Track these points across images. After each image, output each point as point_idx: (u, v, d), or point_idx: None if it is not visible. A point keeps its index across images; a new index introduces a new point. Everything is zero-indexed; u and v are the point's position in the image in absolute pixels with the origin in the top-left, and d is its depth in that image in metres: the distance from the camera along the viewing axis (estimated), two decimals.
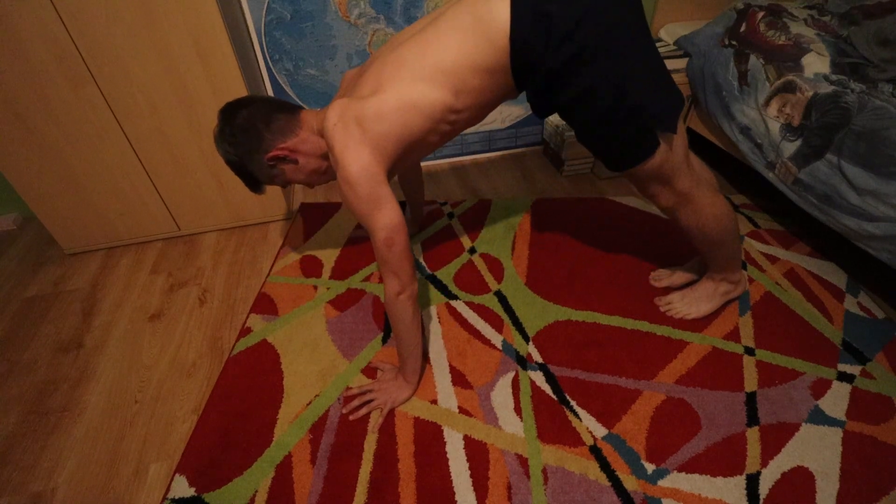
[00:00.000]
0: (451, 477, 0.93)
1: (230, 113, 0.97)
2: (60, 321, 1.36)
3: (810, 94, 1.23)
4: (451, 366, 1.15)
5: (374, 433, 1.01)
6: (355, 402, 1.05)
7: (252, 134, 0.95)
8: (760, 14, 1.49)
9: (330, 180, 1.09)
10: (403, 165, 0.97)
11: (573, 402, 1.05)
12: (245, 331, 1.27)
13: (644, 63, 0.84)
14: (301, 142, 0.97)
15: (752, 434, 0.98)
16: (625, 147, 0.90)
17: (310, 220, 1.70)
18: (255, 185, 1.06)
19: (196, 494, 0.93)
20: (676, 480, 0.91)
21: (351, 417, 1.04)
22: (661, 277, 1.34)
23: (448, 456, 0.97)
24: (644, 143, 0.88)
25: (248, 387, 1.12)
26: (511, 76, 0.86)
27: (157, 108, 1.37)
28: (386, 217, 0.85)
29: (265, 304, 1.35)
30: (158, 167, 1.48)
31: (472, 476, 0.93)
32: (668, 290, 1.32)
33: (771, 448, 0.95)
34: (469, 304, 1.31)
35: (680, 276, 1.32)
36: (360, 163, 0.83)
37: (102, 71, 1.28)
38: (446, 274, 1.42)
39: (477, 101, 0.89)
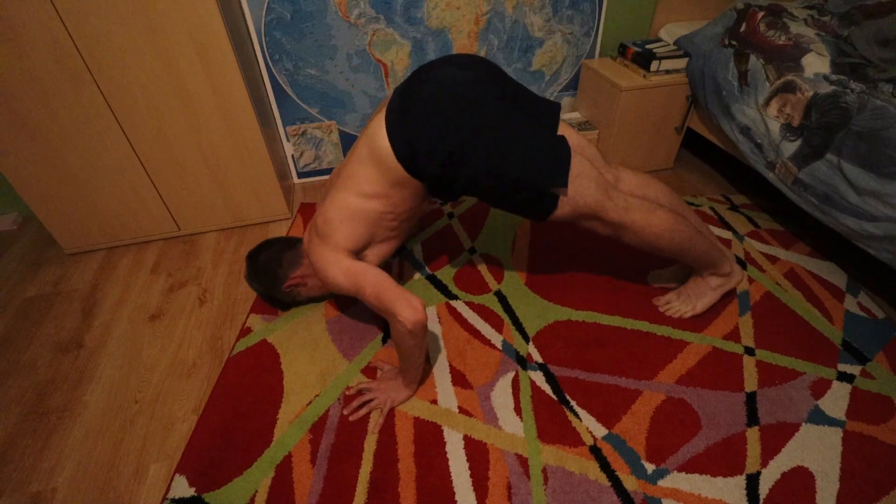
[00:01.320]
0: (451, 477, 0.93)
1: (252, 258, 1.22)
2: (60, 321, 1.36)
3: (810, 94, 1.23)
4: (451, 366, 1.15)
5: (374, 433, 1.01)
6: (355, 402, 1.05)
7: (270, 273, 1.20)
8: (760, 14, 1.49)
9: None
10: (376, 252, 1.11)
11: (573, 402, 1.05)
12: (245, 331, 1.27)
13: (512, 141, 0.93)
14: (305, 268, 1.20)
15: (752, 434, 0.98)
16: (529, 208, 1.01)
17: (310, 220, 1.70)
18: (285, 307, 1.33)
19: (196, 494, 0.93)
20: (676, 480, 0.91)
21: (351, 418, 1.04)
22: (658, 277, 1.34)
23: (448, 456, 0.97)
24: (542, 201, 0.98)
25: (248, 387, 1.12)
26: (417, 181, 1.00)
27: (157, 108, 1.37)
28: (368, 278, 0.97)
29: (265, 305, 1.35)
30: (158, 167, 1.48)
31: (472, 476, 0.93)
32: (665, 290, 1.32)
33: (771, 448, 0.95)
34: (469, 304, 1.31)
35: (676, 275, 1.32)
36: (321, 257, 1.03)
37: (102, 71, 1.28)
38: (446, 274, 1.42)
39: (406, 204, 1.05)
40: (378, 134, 0.97)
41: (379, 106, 1.05)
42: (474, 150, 0.93)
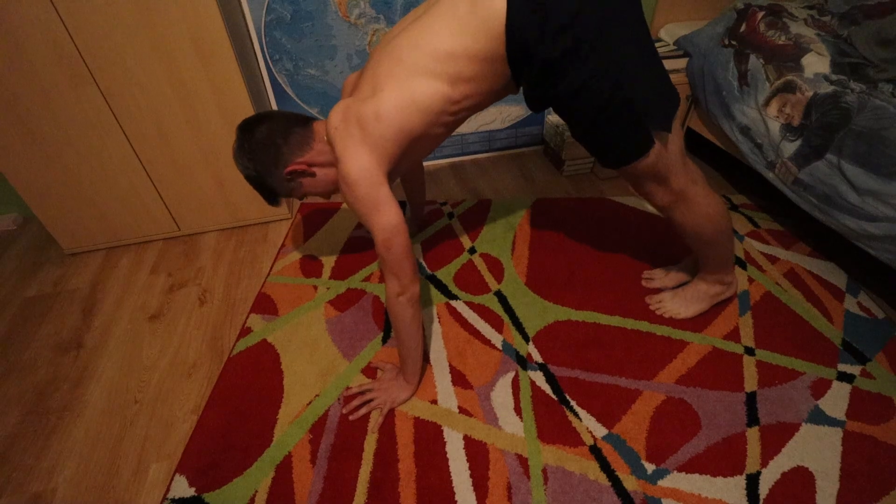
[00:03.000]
0: (451, 477, 0.93)
1: (248, 128, 0.97)
2: (60, 321, 1.36)
3: (810, 94, 1.23)
4: (451, 366, 1.15)
5: (374, 433, 1.01)
6: (355, 402, 1.05)
7: (271, 149, 0.96)
8: (760, 14, 1.49)
9: None
10: (408, 163, 0.97)
11: (573, 402, 1.05)
12: (245, 331, 1.27)
13: (641, 61, 0.84)
14: (317, 154, 0.98)
15: (752, 434, 0.98)
16: (620, 144, 0.90)
17: (310, 220, 1.70)
18: (273, 198, 1.06)
19: (196, 494, 0.93)
20: (676, 480, 0.91)
21: (351, 417, 1.04)
22: (654, 278, 1.34)
23: (448, 456, 0.97)
24: (639, 140, 0.88)
25: (248, 387, 1.12)
26: (507, 66, 0.85)
27: (156, 108, 1.37)
28: (384, 219, 0.85)
29: (265, 304, 1.35)
30: (158, 167, 1.48)
31: (472, 476, 0.93)
32: (660, 290, 1.32)
33: (771, 448, 0.95)
34: (469, 304, 1.31)
35: (673, 277, 1.32)
36: (358, 163, 0.84)
37: (102, 71, 1.28)
38: (446, 274, 1.42)
39: (475, 91, 0.88)
40: None
41: None
42: (607, 47, 0.79)
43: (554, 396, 1.07)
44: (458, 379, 1.12)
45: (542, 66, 0.82)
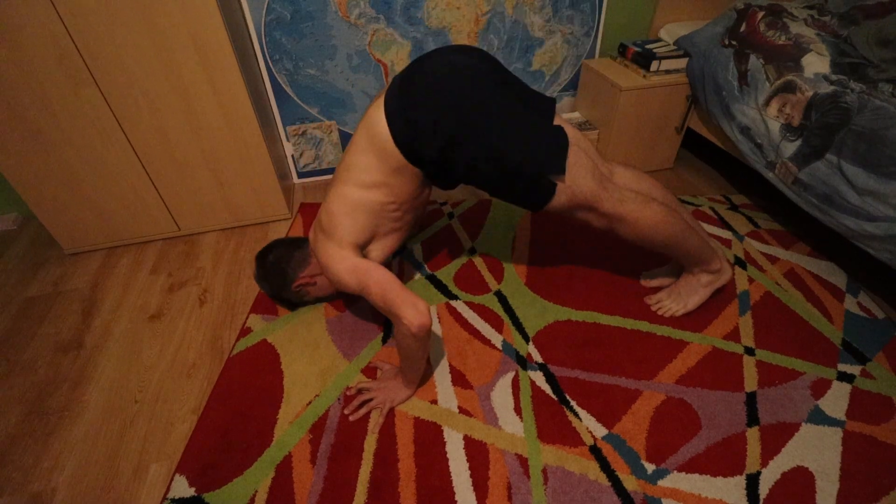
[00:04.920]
0: (451, 477, 0.93)
1: (261, 259, 1.22)
2: (60, 321, 1.36)
3: (810, 94, 1.23)
4: (451, 366, 1.15)
5: (374, 433, 1.01)
6: (355, 402, 1.05)
7: (279, 273, 1.20)
8: (760, 14, 1.49)
9: None
10: (381, 246, 1.11)
11: (573, 402, 1.05)
12: (245, 331, 1.27)
13: (511, 127, 0.94)
14: (314, 267, 1.20)
15: (752, 434, 0.98)
16: (526, 196, 1.01)
17: (310, 220, 1.70)
18: (292, 307, 1.33)
19: (196, 494, 0.93)
20: (676, 480, 0.91)
21: (351, 418, 1.04)
22: (651, 278, 1.35)
23: (448, 456, 0.97)
24: (540, 189, 0.99)
25: (248, 387, 1.12)
26: (416, 168, 1.00)
27: (157, 108, 1.37)
28: (362, 274, 0.98)
29: (265, 304, 1.35)
30: (158, 167, 1.48)
31: (472, 476, 0.93)
32: (658, 290, 1.32)
33: (771, 448, 0.95)
34: (469, 304, 1.31)
35: (669, 276, 1.32)
36: (326, 253, 1.03)
37: (102, 71, 1.28)
38: (446, 274, 1.42)
39: (407, 192, 1.05)
40: (377, 120, 0.97)
41: (376, 96, 1.05)
42: (475, 133, 0.93)
43: (554, 396, 1.07)
44: (458, 379, 1.12)
45: (434, 163, 0.98)
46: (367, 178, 1.00)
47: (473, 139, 0.93)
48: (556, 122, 1.06)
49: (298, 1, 1.56)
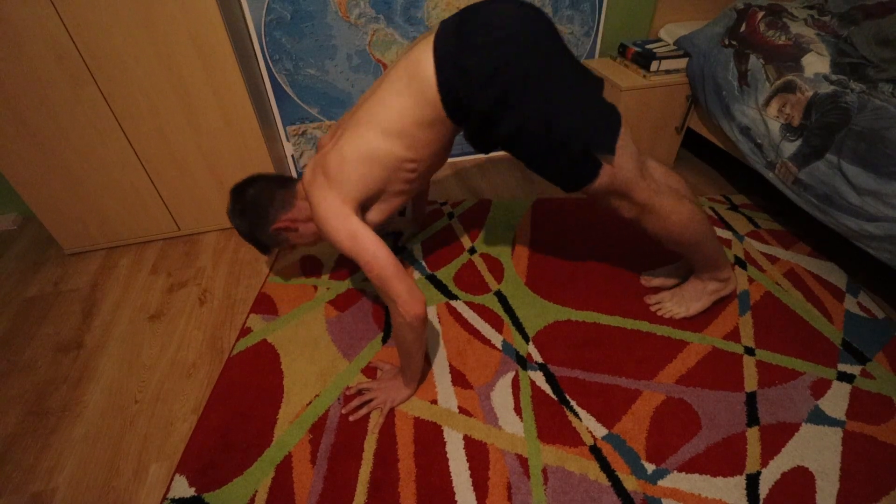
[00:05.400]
0: (451, 477, 0.93)
1: (239, 192, 1.09)
2: (60, 321, 1.36)
3: (810, 94, 1.23)
4: (451, 366, 1.15)
5: (374, 433, 1.01)
6: (355, 402, 1.05)
7: (259, 210, 1.07)
8: (760, 14, 1.49)
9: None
10: (382, 207, 1.05)
11: (573, 402, 1.05)
12: (245, 331, 1.27)
13: (569, 94, 0.89)
14: (298, 211, 1.09)
15: (752, 434, 0.98)
16: (567, 172, 0.96)
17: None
18: (264, 250, 1.17)
19: (196, 494, 0.93)
20: (676, 480, 0.91)
21: (351, 418, 1.04)
22: (653, 278, 1.34)
23: (448, 456, 0.97)
24: (585, 166, 0.94)
25: (248, 387, 1.12)
26: (451, 123, 0.95)
27: (157, 108, 1.37)
28: (362, 245, 0.92)
29: (265, 304, 1.35)
30: (158, 167, 1.48)
31: (472, 476, 0.93)
32: (660, 290, 1.32)
33: (771, 448, 0.95)
34: (469, 304, 1.31)
35: (672, 276, 1.32)
36: (325, 202, 0.95)
37: (102, 71, 1.28)
38: (446, 274, 1.42)
39: (430, 150, 0.99)
40: (423, 62, 0.88)
41: (420, 37, 0.96)
42: (533, 91, 0.86)
43: (554, 396, 1.07)
44: (458, 379, 1.12)
45: (479, 118, 0.92)
46: (394, 124, 0.92)
47: (530, 97, 0.86)
48: None
49: (298, 1, 1.56)
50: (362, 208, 1.00)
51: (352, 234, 0.93)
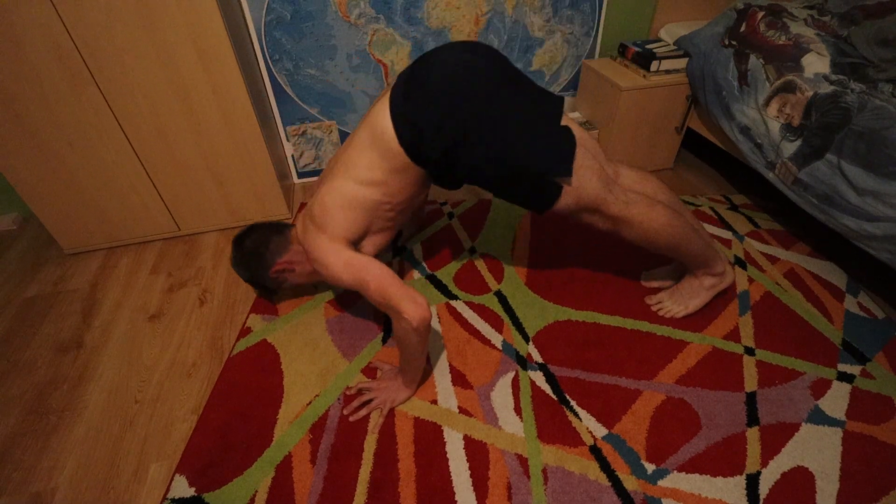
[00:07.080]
0: (451, 477, 0.93)
1: (238, 243, 1.16)
2: (60, 321, 1.36)
3: (810, 94, 1.23)
4: (451, 366, 1.15)
5: (374, 433, 1.01)
6: (355, 402, 1.05)
7: (257, 258, 1.14)
8: (760, 14, 1.49)
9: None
10: (374, 240, 1.10)
11: (573, 402, 1.05)
12: (245, 331, 1.27)
13: (517, 127, 0.93)
14: (293, 254, 1.16)
15: (752, 434, 0.98)
16: (531, 197, 1.00)
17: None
18: (269, 294, 1.28)
19: (196, 494, 0.93)
20: (676, 480, 0.91)
21: (351, 418, 1.04)
22: (651, 278, 1.35)
23: (448, 456, 0.97)
24: (545, 190, 0.98)
25: (248, 387, 1.12)
26: (417, 167, 1.00)
27: (157, 108, 1.37)
28: (357, 268, 0.96)
29: (265, 304, 1.35)
30: (158, 167, 1.48)
31: (472, 476, 0.93)
32: (658, 290, 1.32)
33: (771, 448, 0.95)
34: (469, 304, 1.31)
35: (669, 276, 1.32)
36: (317, 244, 1.01)
37: (102, 71, 1.28)
38: (446, 274, 1.42)
39: (406, 193, 1.04)
40: (381, 118, 0.95)
41: (381, 93, 1.04)
42: (481, 134, 0.92)
43: (554, 396, 1.07)
44: (458, 379, 1.12)
45: (437, 163, 0.97)
46: (367, 176, 0.99)
47: (477, 140, 0.92)
48: (564, 121, 1.04)
49: (298, 1, 1.56)
50: (353, 245, 1.06)
51: (346, 263, 0.98)
